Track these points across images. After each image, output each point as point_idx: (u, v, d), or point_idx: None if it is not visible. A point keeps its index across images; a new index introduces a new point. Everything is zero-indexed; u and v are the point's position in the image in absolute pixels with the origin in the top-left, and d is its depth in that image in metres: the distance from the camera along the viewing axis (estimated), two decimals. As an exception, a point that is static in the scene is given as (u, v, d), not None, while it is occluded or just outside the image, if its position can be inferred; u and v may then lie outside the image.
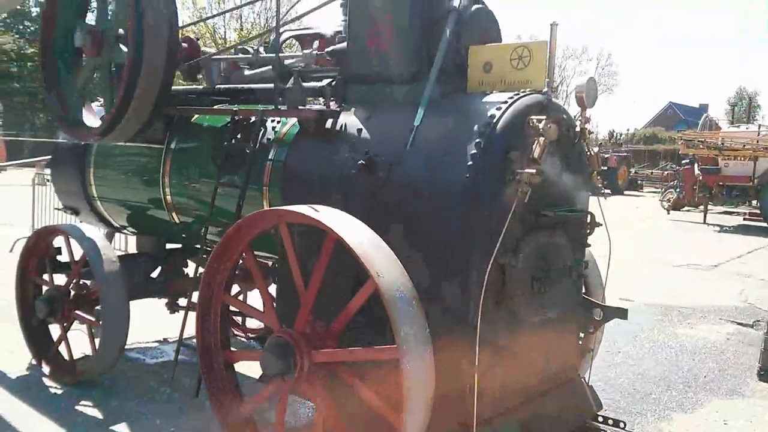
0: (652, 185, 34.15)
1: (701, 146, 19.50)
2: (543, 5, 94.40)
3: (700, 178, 19.67)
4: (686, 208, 21.79)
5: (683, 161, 22.12)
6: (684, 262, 11.99)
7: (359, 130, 3.66)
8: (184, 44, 5.05)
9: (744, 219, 20.09)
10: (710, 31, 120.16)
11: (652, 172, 35.73)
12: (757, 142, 18.59)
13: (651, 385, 5.54)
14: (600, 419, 4.24)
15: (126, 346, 5.20)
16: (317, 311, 3.36)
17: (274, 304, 3.72)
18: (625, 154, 34.36)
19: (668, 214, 21.10)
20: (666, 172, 29.86)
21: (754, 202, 19.80)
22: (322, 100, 4.12)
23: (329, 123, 3.80)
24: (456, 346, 3.15)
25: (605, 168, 31.02)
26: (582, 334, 4.08)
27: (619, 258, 11.65)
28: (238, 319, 6.33)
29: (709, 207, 20.68)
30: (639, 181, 35.08)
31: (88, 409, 4.62)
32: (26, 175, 11.51)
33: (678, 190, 21.62)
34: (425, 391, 2.95)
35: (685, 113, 63.06)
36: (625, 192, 31.97)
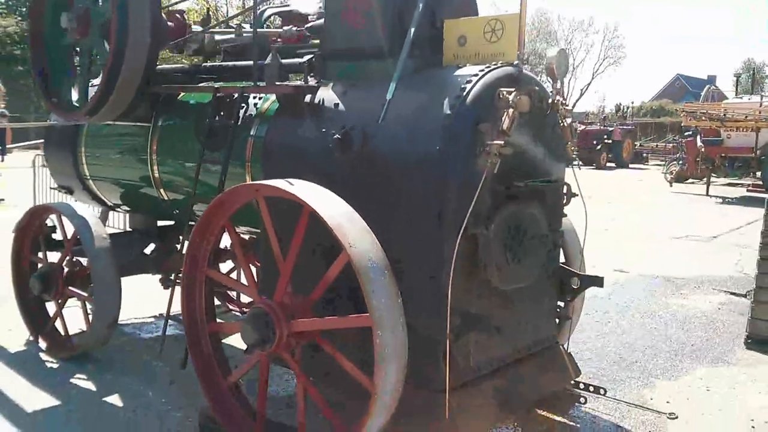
0: (657, 158, 34.02)
1: (703, 118, 19.43)
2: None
3: (703, 150, 19.62)
4: (690, 181, 21.75)
5: (686, 133, 22.06)
6: (683, 234, 12.02)
7: (336, 105, 3.72)
8: (170, 23, 5.11)
9: (747, 190, 20.04)
10: (710, 30, 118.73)
11: (657, 145, 35.58)
12: (760, 113, 18.50)
13: (638, 353, 5.63)
14: (581, 386, 4.35)
15: (122, 322, 5.36)
16: (299, 284, 3.45)
17: (257, 277, 3.81)
18: (630, 127, 34.17)
19: (671, 186, 21.07)
20: (670, 145, 29.76)
21: (758, 174, 19.73)
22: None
23: (308, 98, 3.86)
24: (429, 315, 3.23)
25: (610, 141, 30.95)
26: (560, 303, 4.16)
27: (618, 230, 11.83)
28: (233, 293, 6.44)
29: (713, 179, 20.66)
30: (644, 155, 34.97)
31: (82, 382, 4.75)
32: (32, 157, 11.65)
33: (681, 162, 21.56)
34: (398, 359, 3.03)
35: (693, 85, 62.65)
36: (630, 165, 31.87)
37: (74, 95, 4.92)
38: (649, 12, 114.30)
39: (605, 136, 31.19)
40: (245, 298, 6.46)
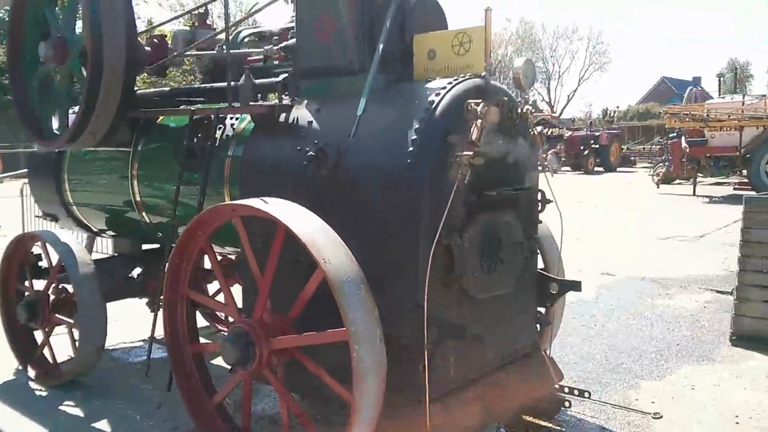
0: (644, 161, 34.21)
1: (687, 119, 19.59)
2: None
3: (688, 150, 19.76)
4: (677, 182, 21.89)
5: (671, 135, 22.22)
6: (671, 235, 12.10)
7: (310, 123, 3.77)
8: (148, 48, 5.16)
9: (734, 189, 20.19)
10: (709, 32, 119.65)
11: (644, 148, 35.79)
12: (742, 111, 18.66)
13: (623, 355, 5.67)
14: (566, 390, 4.39)
15: (109, 346, 5.37)
16: (279, 302, 3.49)
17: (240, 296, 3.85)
18: (616, 131, 34.39)
19: (658, 188, 21.21)
20: (657, 147, 29.95)
21: (744, 172, 19.87)
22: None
23: (282, 117, 3.91)
24: (406, 327, 3.27)
25: (597, 146, 31.14)
26: (540, 309, 4.20)
27: (605, 233, 11.88)
28: (221, 314, 6.46)
29: (700, 179, 20.78)
30: (632, 158, 35.16)
31: (71, 408, 4.76)
32: (20, 185, 11.74)
33: (667, 164, 21.71)
34: (376, 372, 3.06)
35: (678, 87, 62.99)
36: (618, 169, 32.05)
37: (54, 123, 4.97)
38: (639, 15, 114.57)
39: (592, 141, 31.38)
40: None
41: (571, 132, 32.72)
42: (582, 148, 30.93)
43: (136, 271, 5.75)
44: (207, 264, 5.17)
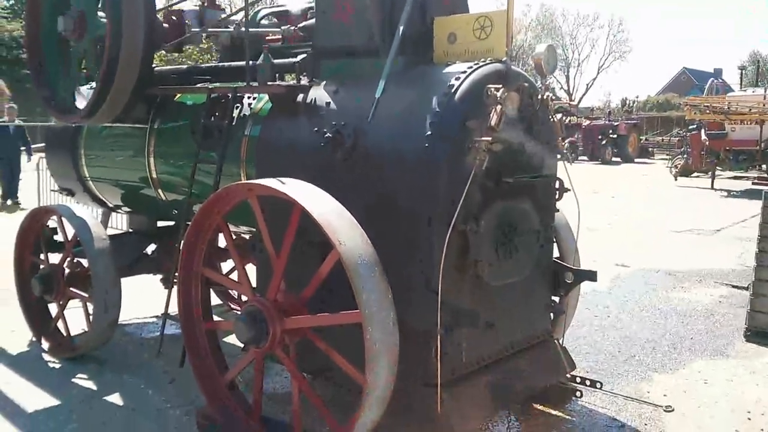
0: (663, 152, 33.89)
1: (707, 111, 19.38)
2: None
3: (707, 143, 19.56)
4: (695, 174, 21.68)
5: (690, 127, 22.00)
6: (687, 228, 12.01)
7: (327, 104, 3.75)
8: (166, 25, 5.14)
9: (752, 183, 19.97)
10: (711, 34, 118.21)
11: (662, 139, 35.46)
12: (764, 105, 18.43)
13: (636, 347, 5.64)
14: (578, 380, 4.37)
15: (123, 322, 5.41)
16: (294, 282, 3.48)
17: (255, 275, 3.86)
18: (635, 121, 34.07)
19: (676, 180, 21.01)
20: (676, 139, 29.68)
21: (763, 166, 19.65)
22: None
23: (300, 98, 3.89)
24: (420, 311, 3.26)
25: (615, 136, 30.89)
26: (554, 297, 4.18)
27: (621, 224, 11.81)
28: (234, 292, 6.49)
29: (719, 172, 20.57)
30: (650, 149, 34.84)
31: (83, 381, 4.80)
32: (36, 160, 11.83)
33: (686, 156, 21.50)
34: (388, 355, 3.06)
35: (699, 78, 62.33)
36: (636, 160, 31.78)
37: (73, 98, 4.98)
38: (655, 8, 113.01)
39: (610, 131, 31.12)
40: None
41: (590, 121, 32.45)
42: (600, 137, 30.68)
43: (151, 248, 5.79)
44: (221, 242, 5.19)
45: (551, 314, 4.20)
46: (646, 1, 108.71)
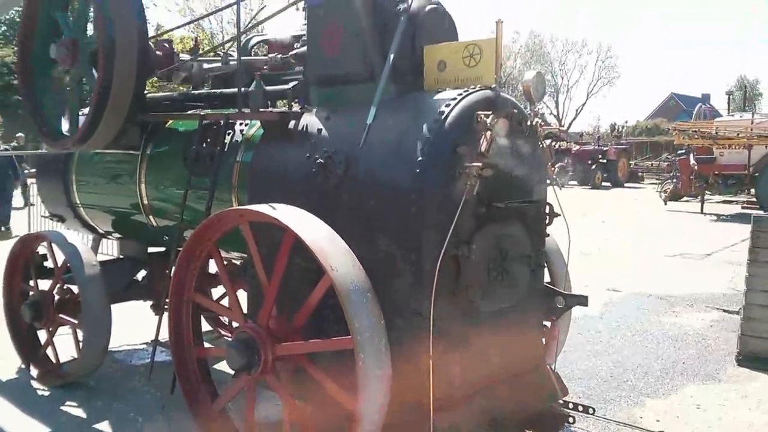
0: (652, 177, 34.12)
1: (696, 136, 19.57)
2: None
3: (696, 168, 19.71)
4: (685, 199, 21.80)
5: (679, 152, 22.18)
6: (677, 252, 12.05)
7: (319, 130, 3.77)
8: (159, 52, 5.18)
9: (742, 207, 20.13)
10: (712, 34, 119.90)
11: (652, 164, 35.71)
12: (751, 130, 18.62)
13: (628, 372, 5.64)
14: (570, 406, 4.35)
15: (113, 348, 5.37)
16: (286, 308, 3.48)
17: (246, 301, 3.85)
18: (624, 146, 34.34)
19: (666, 205, 21.12)
20: (665, 164, 29.89)
21: (752, 191, 19.80)
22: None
23: (292, 124, 3.92)
24: (412, 337, 3.26)
25: (605, 160, 31.09)
26: (546, 323, 4.18)
27: (612, 249, 11.82)
28: (225, 319, 6.45)
29: (708, 196, 20.70)
30: (639, 173, 35.09)
31: (73, 409, 4.76)
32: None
33: (675, 180, 21.64)
34: (381, 381, 3.06)
35: (687, 104, 62.96)
36: (626, 184, 31.98)
37: (64, 124, 5.00)
38: (648, 30, 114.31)
39: (600, 156, 31.34)
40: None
41: (579, 146, 32.68)
42: (590, 162, 30.89)
43: (141, 274, 5.77)
44: (212, 269, 5.18)
45: (543, 339, 4.20)
46: (634, 28, 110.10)
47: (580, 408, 4.33)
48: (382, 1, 3.77)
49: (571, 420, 4.27)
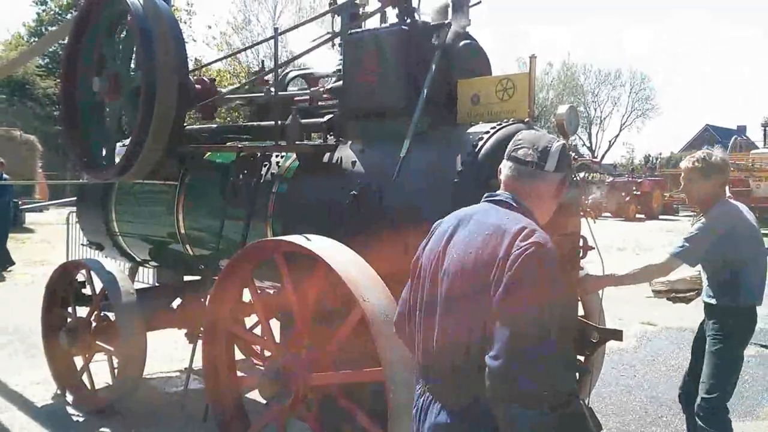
0: (687, 209, 33.60)
1: (731, 168, 19.36)
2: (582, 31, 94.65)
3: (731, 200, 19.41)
4: (720, 232, 21.42)
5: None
6: (713, 286, 11.82)
7: (353, 163, 3.84)
8: (198, 86, 5.32)
9: (780, 241, 19.73)
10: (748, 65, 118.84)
11: (686, 197, 35.17)
12: (789, 162, 18.37)
13: (663, 408, 5.54)
14: (603, 441, 4.30)
15: (147, 375, 5.44)
16: (320, 337, 3.51)
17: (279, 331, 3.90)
18: (659, 178, 33.97)
19: (702, 237, 20.76)
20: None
21: (790, 224, 19.44)
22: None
23: (326, 157, 3.99)
24: (444, 368, 3.26)
25: (638, 193, 30.77)
26: (579, 357, 4.15)
27: (646, 283, 11.57)
28: (257, 347, 6.50)
29: (745, 230, 20.33)
30: (674, 206, 34.61)
31: (107, 436, 4.82)
32: (66, 214, 12.04)
33: (711, 213, 21.29)
34: (411, 414, 3.05)
35: (722, 135, 62.23)
36: (660, 217, 31.56)
37: (105, 155, 5.14)
38: (685, 62, 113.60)
39: (634, 188, 31.03)
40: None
41: (613, 178, 32.41)
42: (624, 194, 30.59)
43: (177, 302, 5.85)
44: (246, 296, 5.24)
45: (577, 374, 4.17)
46: (670, 58, 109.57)
47: (614, 444, 4.28)
48: (416, 36, 3.85)
49: (605, 456, 4.22)
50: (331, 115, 4.24)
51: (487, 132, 3.48)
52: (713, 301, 4.04)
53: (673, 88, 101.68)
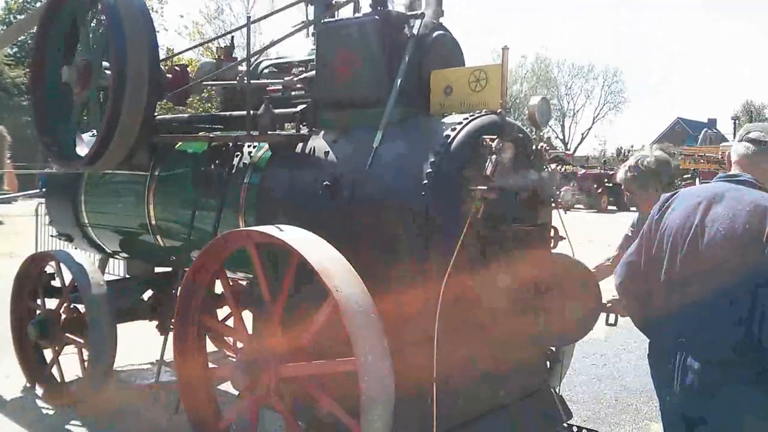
0: (659, 201, 34.03)
1: (701, 160, 19.63)
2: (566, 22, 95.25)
3: (702, 192, 19.71)
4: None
5: (685, 176, 22.21)
6: (683, 277, 12.00)
7: (326, 153, 3.82)
8: (169, 75, 5.25)
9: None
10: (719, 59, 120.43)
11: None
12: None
13: (633, 396, 5.62)
14: (575, 429, 4.35)
15: (118, 368, 5.38)
16: (293, 329, 3.50)
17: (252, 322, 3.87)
18: (631, 170, 34.32)
19: (672, 229, 21.08)
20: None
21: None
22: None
23: (299, 147, 3.97)
24: (416, 358, 3.27)
25: (610, 184, 31.08)
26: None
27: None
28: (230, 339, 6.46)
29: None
30: (646, 198, 35.02)
31: (77, 428, 4.79)
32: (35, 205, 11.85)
33: (681, 205, 21.60)
34: (384, 404, 3.06)
35: (693, 128, 63.02)
36: (632, 208, 31.83)
37: (76, 146, 5.06)
38: (656, 55, 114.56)
39: (606, 180, 31.34)
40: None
41: (585, 170, 32.71)
42: (595, 186, 30.88)
43: (148, 294, 5.80)
44: (218, 289, 5.21)
45: (548, 363, 4.21)
46: (641, 52, 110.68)
47: (585, 431, 4.33)
48: (390, 26, 3.83)
49: (575, 444, 4.27)
50: (304, 105, 4.21)
51: (460, 123, 3.48)
52: None
53: (645, 81, 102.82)
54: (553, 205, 3.97)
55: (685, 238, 2.57)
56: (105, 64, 4.72)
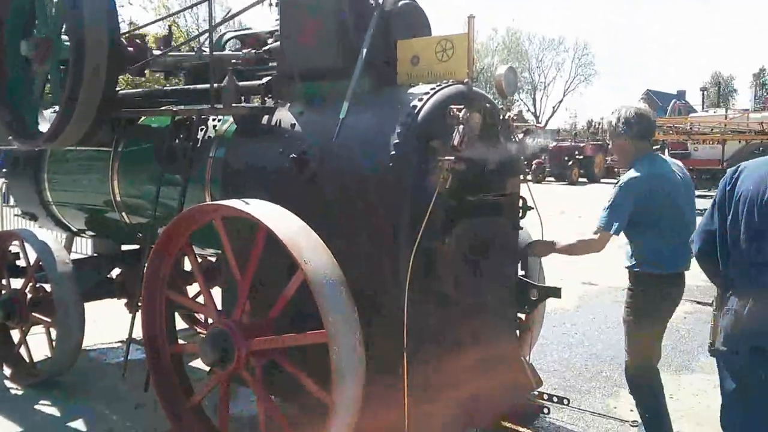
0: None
1: (670, 132, 19.80)
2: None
3: (671, 163, 19.94)
4: (660, 194, 22.01)
5: (654, 147, 22.44)
6: (652, 246, 12.15)
7: (292, 125, 3.77)
8: (130, 48, 5.13)
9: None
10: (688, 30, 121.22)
11: (628, 160, 35.99)
12: (725, 125, 18.89)
13: (603, 364, 5.70)
14: (545, 397, 4.39)
15: (87, 347, 5.33)
16: (262, 303, 3.47)
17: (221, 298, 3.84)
18: (601, 142, 34.63)
19: (642, 199, 21.31)
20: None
21: (726, 185, 20.09)
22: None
23: (265, 119, 3.91)
24: (386, 330, 3.27)
25: (581, 157, 31.35)
26: (520, 314, 4.21)
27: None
28: (201, 316, 6.42)
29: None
30: (616, 169, 35.36)
31: (47, 408, 4.73)
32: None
33: (650, 175, 21.84)
34: (355, 374, 3.06)
35: (662, 100, 63.53)
36: (602, 180, 32.25)
37: (36, 122, 4.93)
38: (626, 28, 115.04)
39: (577, 152, 31.58)
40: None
41: (556, 142, 32.92)
42: (566, 158, 31.13)
43: (115, 272, 5.72)
44: (188, 266, 5.16)
45: (517, 331, 4.24)
46: (610, 26, 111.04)
47: (555, 399, 4.37)
48: (355, -4, 3.77)
49: (546, 411, 4.31)
50: (269, 77, 4.14)
51: (427, 93, 3.45)
52: (627, 264, 4.13)
53: (614, 53, 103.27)
54: (522, 177, 3.97)
55: (762, 197, 2.73)
56: (65, 37, 4.59)
